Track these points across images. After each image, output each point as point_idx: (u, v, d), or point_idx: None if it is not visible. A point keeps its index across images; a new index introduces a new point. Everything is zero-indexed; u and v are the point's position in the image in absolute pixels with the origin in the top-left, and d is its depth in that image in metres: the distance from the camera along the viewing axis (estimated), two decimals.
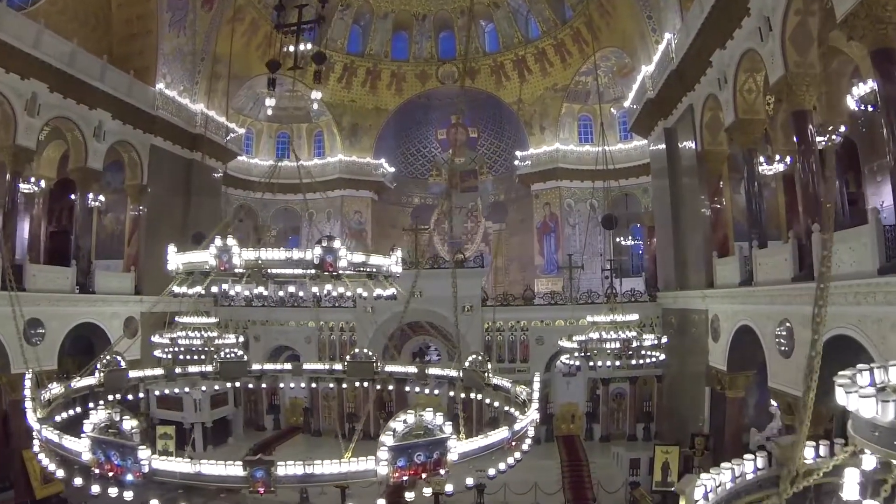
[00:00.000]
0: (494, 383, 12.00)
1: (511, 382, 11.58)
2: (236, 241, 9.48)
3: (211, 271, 9.89)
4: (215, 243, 9.64)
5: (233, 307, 26.63)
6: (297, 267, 9.33)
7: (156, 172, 25.67)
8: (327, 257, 9.12)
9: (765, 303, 13.60)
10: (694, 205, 19.27)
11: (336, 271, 9.12)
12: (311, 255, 9.11)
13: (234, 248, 9.41)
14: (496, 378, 12.15)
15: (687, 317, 19.82)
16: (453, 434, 6.82)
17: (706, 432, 17.96)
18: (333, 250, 9.10)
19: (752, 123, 15.46)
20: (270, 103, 13.52)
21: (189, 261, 10.29)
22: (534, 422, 8.98)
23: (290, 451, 24.65)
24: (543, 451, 22.47)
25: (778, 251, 13.46)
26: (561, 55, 31.46)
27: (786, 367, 12.73)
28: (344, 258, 9.13)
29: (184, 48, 27.39)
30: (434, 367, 13.92)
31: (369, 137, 34.91)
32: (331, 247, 9.10)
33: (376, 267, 9.61)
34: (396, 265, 10.12)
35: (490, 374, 12.29)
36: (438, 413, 6.70)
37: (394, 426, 6.51)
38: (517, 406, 10.81)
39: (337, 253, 9.11)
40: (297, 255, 9.21)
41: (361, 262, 9.31)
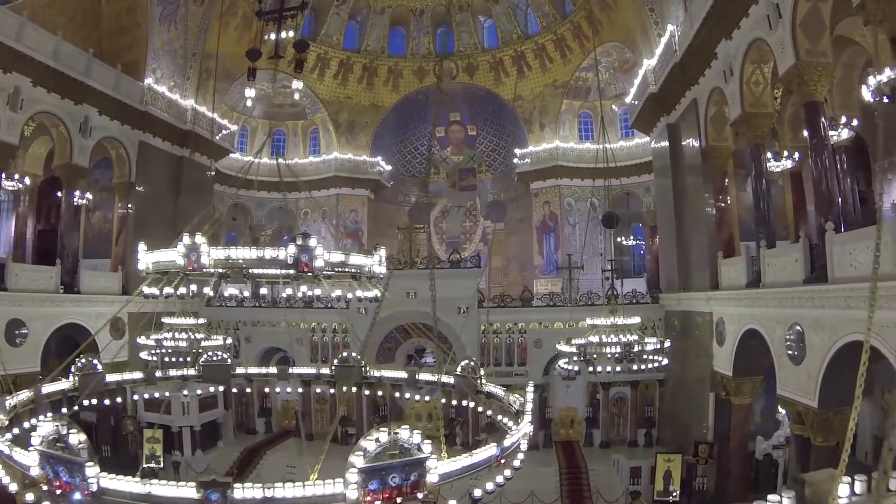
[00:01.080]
0: (487, 390, 11.30)
1: (504, 390, 10.89)
2: (205, 240, 8.82)
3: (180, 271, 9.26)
4: (183, 241, 8.97)
5: (223, 308, 25.98)
6: (270, 267, 8.65)
7: (144, 170, 25.03)
8: (302, 256, 8.43)
9: (773, 306, 12.88)
10: (698, 203, 18.56)
11: (312, 271, 8.44)
12: (285, 254, 8.44)
13: (202, 246, 8.74)
14: (489, 385, 11.46)
15: (690, 319, 19.10)
16: (433, 454, 6.11)
17: (710, 440, 17.23)
18: (309, 249, 8.42)
19: (760, 117, 14.74)
20: (250, 94, 12.81)
21: (157, 260, 9.64)
22: (527, 435, 8.27)
23: (281, 455, 24.01)
24: (541, 458, 21.80)
25: (787, 251, 12.75)
26: (561, 51, 30.76)
27: (796, 373, 12.02)
28: (320, 257, 8.45)
29: (174, 43, 26.73)
30: (425, 373, 13.22)
31: (366, 135, 34.24)
32: (306, 245, 8.42)
33: (357, 267, 8.92)
34: (380, 265, 9.43)
35: (483, 380, 11.60)
36: (416, 431, 6.01)
37: (364, 445, 5.80)
38: (510, 416, 10.11)
39: (313, 252, 8.42)
40: (269, 255, 8.53)
41: (340, 262, 8.63)
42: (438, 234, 36.62)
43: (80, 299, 21.70)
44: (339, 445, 24.41)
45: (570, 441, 23.32)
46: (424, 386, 13.25)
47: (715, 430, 17.25)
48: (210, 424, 24.61)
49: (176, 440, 23.31)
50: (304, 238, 8.48)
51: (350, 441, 24.44)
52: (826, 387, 10.97)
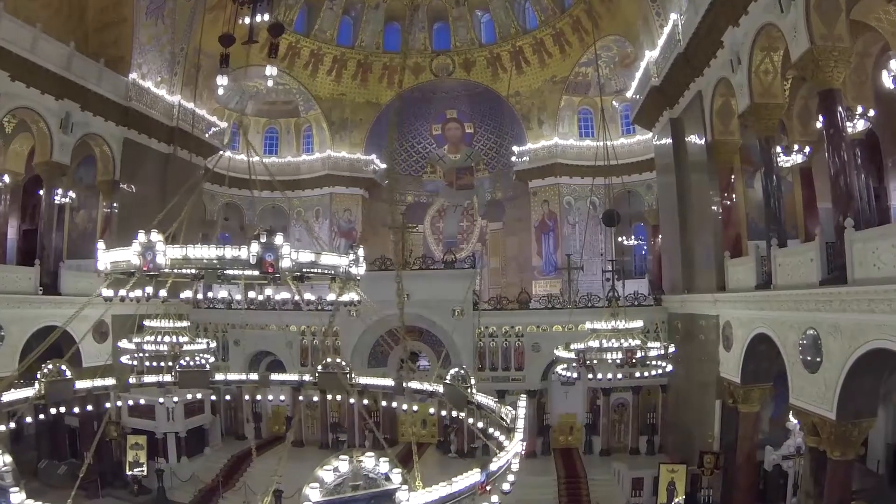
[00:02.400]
0: (478, 401, 10.45)
1: (496, 402, 10.06)
2: (161, 237, 7.99)
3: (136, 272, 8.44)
4: (139, 240, 8.14)
5: (212, 310, 25.14)
6: (231, 267, 7.81)
7: (130, 167, 24.23)
8: (267, 256, 7.59)
9: (786, 309, 11.99)
10: (703, 201, 17.70)
11: (278, 272, 7.59)
12: (248, 253, 7.59)
13: (158, 245, 7.90)
14: (480, 395, 10.62)
15: (695, 322, 18.23)
16: (404, 483, 5.25)
17: (716, 450, 16.36)
18: (274, 247, 7.57)
19: (770, 108, 13.87)
20: (222, 82, 11.94)
21: (115, 259, 8.83)
22: (518, 455, 7.41)
23: (270, 462, 23.11)
24: (539, 466, 20.94)
25: (802, 251, 11.87)
26: (560, 45, 29.93)
27: (811, 382, 11.14)
28: (287, 257, 7.61)
29: (162, 38, 25.94)
30: (413, 381, 12.39)
31: (360, 132, 33.42)
32: (271, 243, 7.58)
33: (330, 267, 8.07)
34: (358, 266, 8.57)
35: (473, 390, 10.75)
36: (383, 458, 5.16)
37: (321, 476, 4.95)
38: (502, 429, 9.26)
39: (279, 250, 7.58)
40: (230, 254, 7.69)
41: (310, 262, 7.78)
42: (435, 234, 35.78)
43: (60, 301, 20.87)
44: (330, 453, 23.64)
45: (570, 448, 22.47)
46: (412, 394, 12.42)
47: (721, 440, 16.39)
48: (196, 430, 23.80)
49: (160, 447, 22.52)
50: (269, 235, 7.64)
51: (340, 448, 23.61)
52: (845, 397, 10.11)
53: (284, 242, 7.55)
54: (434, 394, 11.54)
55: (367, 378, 13.21)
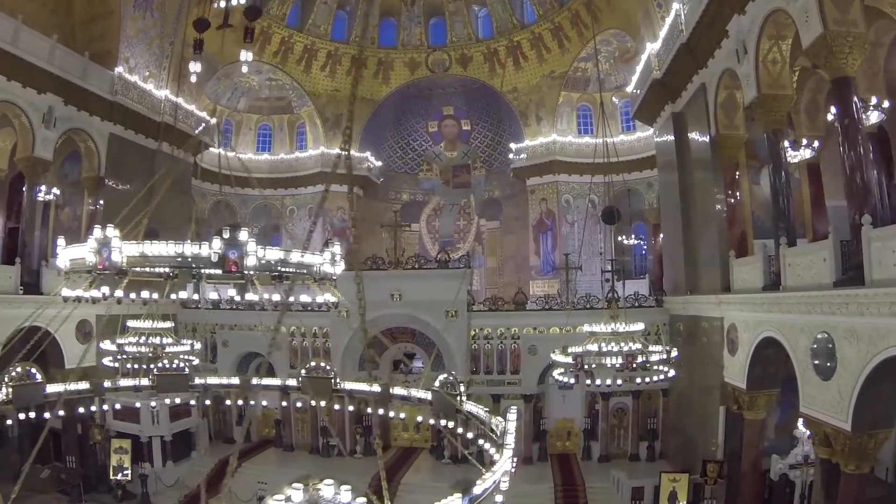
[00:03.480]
0: (468, 410, 9.74)
1: (487, 411, 9.33)
2: (118, 233, 7.29)
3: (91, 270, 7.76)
4: (94, 236, 7.43)
5: (199, 310, 24.41)
6: (192, 265, 7.11)
7: (116, 163, 23.52)
8: (230, 253, 6.88)
9: (797, 311, 11.27)
10: (706, 198, 17.00)
11: (242, 271, 6.89)
12: (209, 250, 6.89)
13: (113, 241, 7.20)
14: (470, 403, 9.90)
15: (698, 325, 17.52)
16: None
17: (720, 458, 15.64)
18: (238, 244, 6.86)
19: (778, 99, 13.17)
20: (195, 68, 11.25)
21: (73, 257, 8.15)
22: (507, 473, 6.69)
23: (259, 467, 22.50)
24: (536, 473, 20.24)
25: (814, 250, 11.14)
26: (559, 40, 29.22)
27: (824, 390, 10.43)
28: (253, 254, 6.90)
29: (150, 31, 25.23)
30: (399, 387, 11.66)
31: (354, 129, 32.57)
32: (235, 239, 6.87)
33: (303, 266, 7.36)
34: (334, 265, 7.86)
35: (464, 397, 10.03)
36: (345, 486, 4.46)
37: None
38: (492, 442, 8.55)
39: (243, 248, 6.87)
40: (190, 251, 6.98)
41: (280, 260, 7.08)
42: (431, 234, 35.10)
43: (42, 300, 20.11)
44: (320, 457, 22.99)
45: (567, 454, 21.75)
46: (399, 401, 11.70)
47: (725, 447, 15.67)
48: (183, 434, 23.13)
49: (145, 451, 21.87)
50: (233, 231, 6.93)
51: (331, 453, 22.93)
52: (862, 407, 9.40)
53: (250, 239, 6.84)
54: (421, 401, 10.82)
55: (353, 383, 12.49)
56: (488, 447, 8.63)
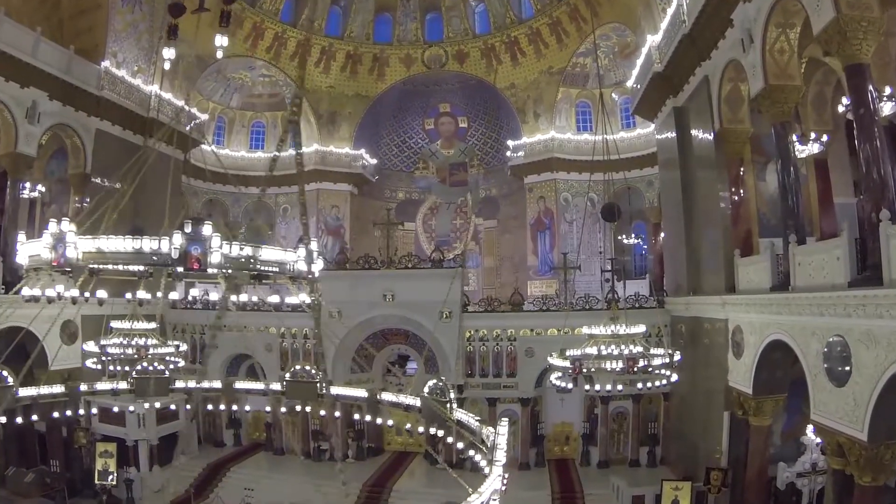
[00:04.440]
0: (458, 418, 9.14)
1: (478, 420, 8.74)
2: (73, 228, 6.67)
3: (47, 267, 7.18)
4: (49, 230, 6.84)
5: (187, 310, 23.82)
6: (152, 262, 6.50)
7: (102, 160, 22.88)
8: (192, 249, 6.27)
9: (808, 313, 10.63)
10: (709, 195, 16.39)
11: (205, 268, 6.28)
12: (169, 246, 6.27)
13: (68, 236, 6.59)
14: (460, 412, 9.30)
15: (701, 327, 16.89)
16: None
17: (724, 465, 15.00)
18: (202, 240, 6.25)
19: (786, 91, 12.54)
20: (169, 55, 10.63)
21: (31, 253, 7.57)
22: (497, 492, 6.08)
23: (249, 471, 21.88)
24: (533, 479, 19.63)
25: (826, 248, 10.50)
26: (557, 35, 28.63)
27: (837, 397, 9.81)
28: (217, 251, 6.28)
29: (139, 25, 24.64)
30: (388, 393, 11.07)
31: (349, 126, 32.10)
32: (197, 234, 6.25)
33: (275, 264, 6.75)
34: (312, 262, 7.25)
35: (454, 405, 9.43)
36: None
37: None
38: (483, 453, 7.94)
39: (207, 243, 6.26)
40: (149, 246, 6.37)
41: (247, 257, 6.47)
42: (427, 233, 34.49)
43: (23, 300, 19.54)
44: (312, 462, 22.37)
45: (565, 459, 21.10)
46: (388, 407, 11.11)
47: (729, 454, 15.03)
48: (171, 437, 22.43)
49: (131, 454, 21.25)
50: (196, 225, 6.32)
51: (323, 457, 22.29)
52: (879, 415, 8.78)
53: (214, 233, 6.23)
54: (410, 407, 10.24)
55: (339, 388, 11.93)
56: (479, 459, 8.04)
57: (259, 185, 32.10)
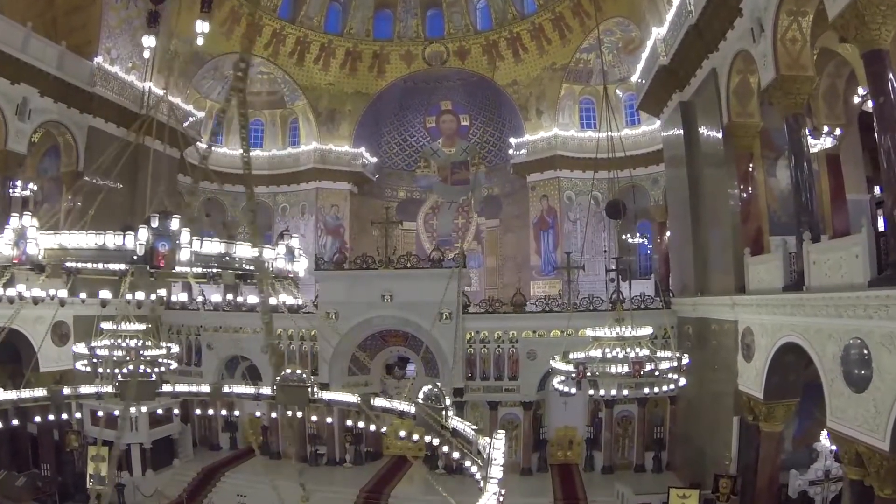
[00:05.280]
0: (453, 427, 8.60)
1: (474, 429, 8.20)
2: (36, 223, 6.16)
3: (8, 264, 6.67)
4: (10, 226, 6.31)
5: (183, 311, 23.40)
6: (115, 260, 6.00)
7: (95, 158, 22.40)
8: (159, 246, 5.75)
9: (824, 314, 10.06)
10: (718, 192, 15.82)
11: (173, 266, 5.76)
12: (134, 242, 5.76)
13: (29, 231, 6.08)
14: (456, 419, 8.76)
15: (708, 328, 16.31)
16: None
17: (733, 472, 14.43)
18: (169, 235, 5.73)
19: (799, 81, 11.97)
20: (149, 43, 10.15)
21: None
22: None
23: (244, 476, 21.38)
24: (535, 485, 19.11)
25: (843, 246, 9.92)
26: (560, 30, 28.05)
27: (856, 403, 9.25)
28: (186, 247, 5.77)
29: (134, 21, 24.18)
30: (381, 399, 10.54)
31: (348, 124, 31.59)
32: (165, 229, 5.74)
33: (251, 262, 6.22)
34: (293, 261, 6.72)
35: (449, 412, 8.89)
36: None
37: None
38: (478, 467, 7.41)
39: (175, 239, 5.74)
40: (113, 243, 5.86)
41: (220, 254, 5.95)
42: (428, 232, 33.96)
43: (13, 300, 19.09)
44: (308, 466, 21.85)
45: (569, 464, 20.55)
46: (381, 413, 10.57)
47: (739, 461, 14.46)
48: (164, 441, 22.04)
49: (124, 459, 20.80)
50: (163, 219, 5.81)
51: (320, 462, 21.78)
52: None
53: (183, 229, 5.71)
54: (405, 414, 9.70)
55: (331, 393, 11.39)
56: (475, 471, 7.51)
57: (257, 184, 31.66)
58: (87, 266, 7.51)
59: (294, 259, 6.62)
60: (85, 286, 9.51)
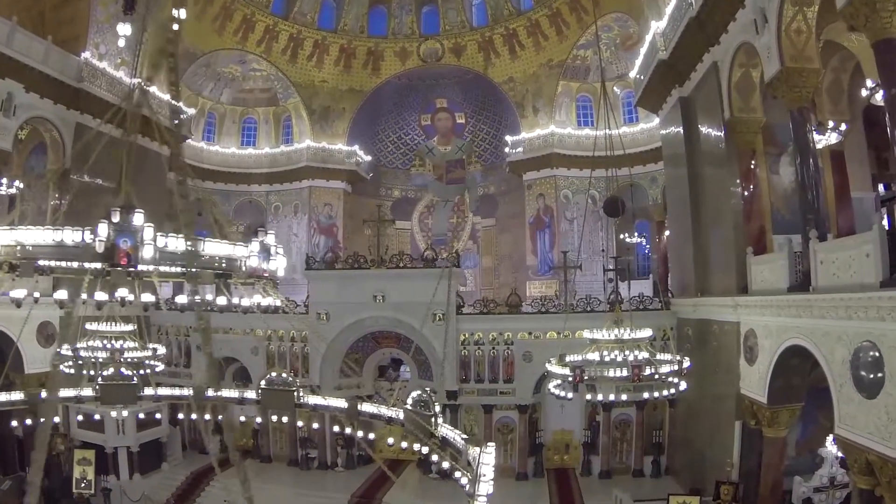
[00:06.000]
0: (443, 435, 8.15)
1: (465, 438, 7.75)
2: None
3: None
4: None
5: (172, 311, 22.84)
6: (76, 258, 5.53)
7: (83, 155, 21.93)
8: (121, 242, 5.29)
9: (832, 316, 9.63)
10: (719, 190, 15.39)
11: (136, 265, 5.31)
12: (94, 238, 5.29)
13: None
14: (445, 427, 8.31)
15: (709, 329, 15.88)
16: None
17: (735, 478, 14.00)
18: (131, 231, 5.27)
19: (805, 74, 11.54)
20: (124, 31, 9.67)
21: None
22: None
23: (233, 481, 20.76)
24: (531, 490, 18.71)
25: (853, 244, 9.46)
26: (556, 26, 27.63)
27: (867, 410, 8.82)
28: (150, 244, 5.31)
29: (122, 16, 23.62)
30: (368, 404, 10.09)
31: (342, 122, 31.11)
32: (127, 225, 5.28)
33: (220, 260, 5.76)
34: (267, 259, 6.26)
35: (439, 419, 8.44)
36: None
37: None
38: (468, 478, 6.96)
39: (138, 235, 5.28)
40: (71, 238, 5.39)
41: (187, 252, 5.50)
42: (423, 232, 33.51)
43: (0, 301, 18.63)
44: (299, 470, 21.40)
45: (565, 468, 20.10)
46: (369, 419, 10.13)
47: (741, 467, 14.02)
48: (152, 444, 21.55)
49: (110, 462, 20.36)
50: (125, 213, 5.35)
51: (311, 466, 21.32)
52: None
53: (146, 224, 5.25)
54: (392, 420, 9.26)
55: (316, 398, 10.95)
56: (465, 483, 7.06)
57: (250, 183, 31.19)
58: (63, 265, 7.09)
59: (270, 258, 6.16)
60: (69, 286, 9.08)
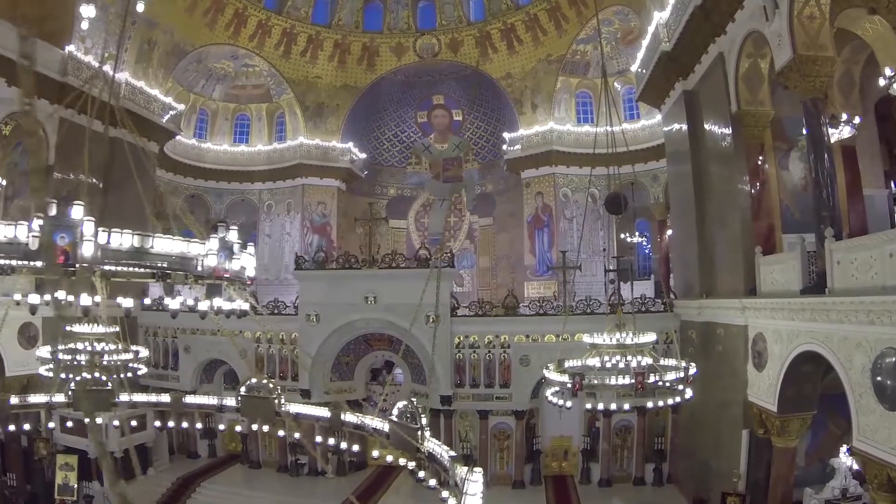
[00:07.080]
0: (429, 450, 7.49)
1: (451, 456, 7.08)
2: None
3: None
4: None
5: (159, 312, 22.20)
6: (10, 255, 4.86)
7: (67, 152, 21.27)
8: (58, 238, 4.62)
9: (851, 321, 8.97)
10: (725, 187, 14.73)
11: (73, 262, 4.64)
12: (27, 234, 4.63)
13: None
14: (432, 442, 7.66)
15: (714, 333, 15.22)
16: None
17: (742, 490, 13.35)
18: (69, 225, 4.61)
19: (819, 62, 10.89)
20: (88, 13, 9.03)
21: None
22: None
23: (220, 487, 20.28)
24: (528, 498, 18.10)
25: (874, 243, 8.80)
26: (556, 21, 26.97)
27: (889, 422, 8.17)
28: (91, 240, 4.64)
29: (109, 8, 22.98)
30: (351, 414, 9.43)
31: (336, 119, 30.44)
32: (65, 219, 4.61)
33: (172, 259, 5.09)
34: (228, 259, 5.57)
35: (426, 432, 7.78)
36: None
37: None
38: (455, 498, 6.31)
39: (76, 230, 4.61)
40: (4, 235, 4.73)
41: (132, 250, 4.83)
42: (419, 231, 32.85)
43: None
44: (289, 477, 20.74)
45: (564, 476, 19.43)
46: (353, 430, 9.47)
47: (748, 478, 13.37)
48: (138, 449, 20.78)
49: (94, 468, 19.67)
50: (63, 204, 4.68)
51: (301, 472, 20.65)
52: None
53: (86, 218, 4.59)
54: (377, 431, 8.61)
55: (298, 406, 10.31)
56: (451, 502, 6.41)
57: (242, 181, 30.55)
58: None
59: (233, 256, 5.48)
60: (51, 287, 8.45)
